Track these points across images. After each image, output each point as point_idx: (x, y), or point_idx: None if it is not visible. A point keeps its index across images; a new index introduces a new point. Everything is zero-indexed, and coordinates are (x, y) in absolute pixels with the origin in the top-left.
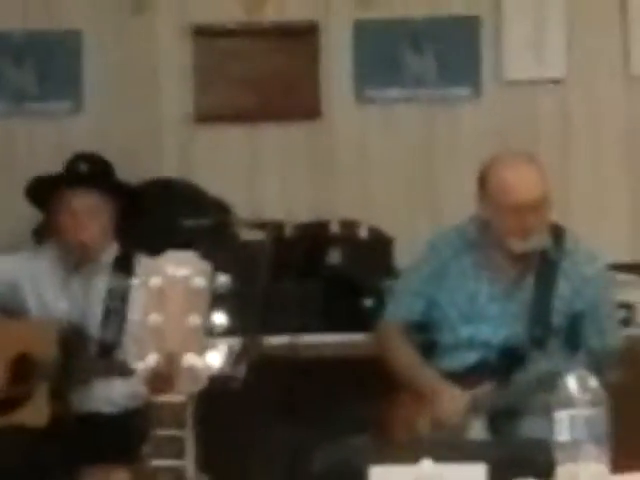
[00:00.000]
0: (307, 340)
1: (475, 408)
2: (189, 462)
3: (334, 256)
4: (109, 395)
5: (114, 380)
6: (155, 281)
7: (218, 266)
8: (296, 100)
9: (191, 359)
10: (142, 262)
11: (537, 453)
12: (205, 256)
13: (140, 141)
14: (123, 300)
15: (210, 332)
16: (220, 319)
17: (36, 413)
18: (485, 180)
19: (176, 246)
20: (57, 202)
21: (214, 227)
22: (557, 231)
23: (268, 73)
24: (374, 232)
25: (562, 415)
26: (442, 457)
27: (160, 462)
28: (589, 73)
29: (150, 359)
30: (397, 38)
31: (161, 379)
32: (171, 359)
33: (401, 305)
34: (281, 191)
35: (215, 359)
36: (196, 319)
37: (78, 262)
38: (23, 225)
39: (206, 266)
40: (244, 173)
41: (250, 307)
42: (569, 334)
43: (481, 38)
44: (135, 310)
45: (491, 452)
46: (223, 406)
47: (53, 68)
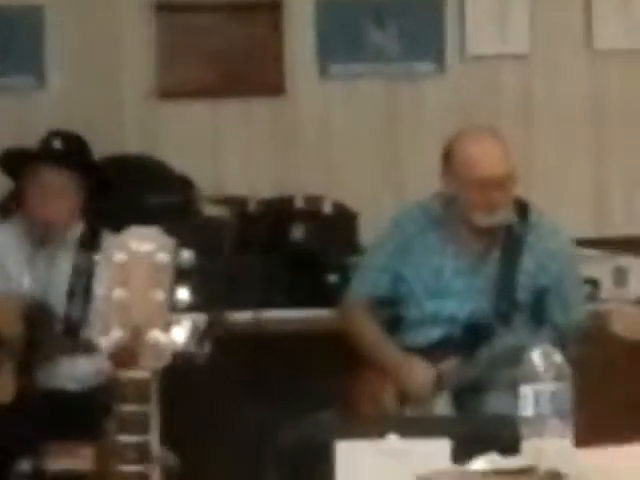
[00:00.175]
0: (271, 315)
1: (440, 383)
2: (154, 438)
3: (298, 232)
4: (74, 372)
5: (79, 357)
6: (119, 257)
7: (182, 242)
8: (259, 76)
9: (155, 335)
10: (106, 238)
11: (502, 428)
12: (169, 232)
13: (102, 116)
14: (88, 277)
15: (174, 308)
16: (184, 295)
17: (1, 389)
18: (450, 155)
19: (140, 222)
20: (28, 177)
21: (177, 203)
22: (522, 206)
23: (231, 48)
24: (338, 208)
25: (527, 390)
26: (407, 432)
27: (124, 438)
28: (552, 48)
29: (114, 334)
30: (360, 13)
31: (125, 354)
32: (135, 334)
33: (366, 280)
34: (244, 167)
35: (179, 335)
36: (160, 294)
37: (43, 238)
38: None
39: (170, 242)
40: (207, 149)
41: (214, 283)
42: (534, 309)
43: (445, 13)
44: (100, 286)
45: (456, 427)
46: (188, 382)
47: (15, 43)
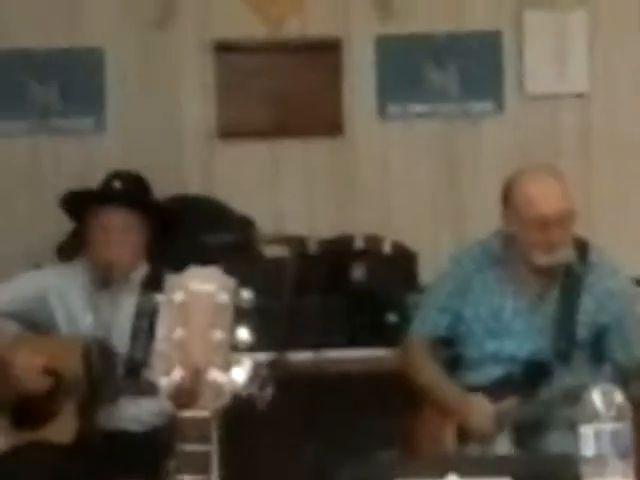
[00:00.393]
0: (331, 355)
1: (500, 422)
2: (214, 478)
3: (358, 271)
4: (137, 414)
5: (141, 398)
6: (179, 296)
7: (242, 282)
8: (318, 116)
9: (215, 374)
10: (168, 279)
11: (562, 468)
12: (229, 272)
13: (163, 157)
14: (151, 318)
15: (234, 347)
16: (244, 334)
17: (62, 429)
18: (509, 194)
19: (200, 262)
20: (90, 219)
21: (237, 243)
22: (581, 245)
23: (290, 89)
24: (398, 247)
25: (587, 430)
26: (468, 472)
27: (185, 477)
28: (611, 87)
29: (175, 374)
30: (419, 53)
31: (185, 394)
32: (195, 374)
33: (427, 320)
34: (304, 207)
35: (239, 375)
36: (220, 334)
37: (106, 279)
38: (47, 242)
39: (230, 282)
40: (267, 189)
41: (274, 323)
42: (594, 348)
43: (503, 53)
44: (161, 326)
45: (516, 466)
46: (248, 423)
47: (76, 85)
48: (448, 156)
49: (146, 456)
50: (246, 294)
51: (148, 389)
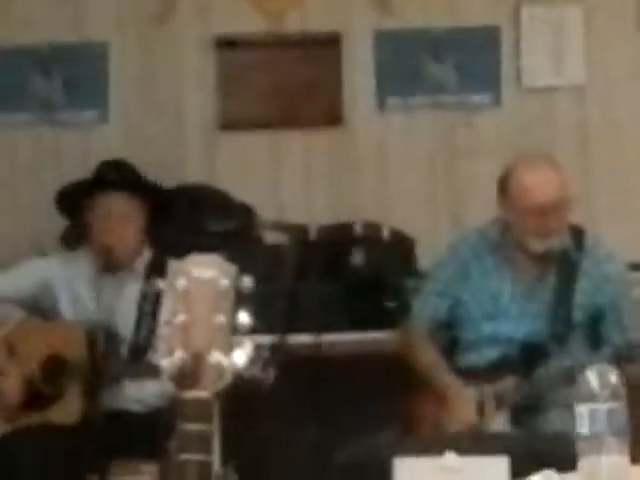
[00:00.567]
0: (331, 339)
1: (498, 402)
2: (215, 457)
3: (357, 257)
4: (140, 395)
5: (144, 380)
6: (181, 282)
7: (242, 268)
8: (318, 107)
9: (216, 356)
10: (171, 265)
11: (559, 446)
12: (230, 258)
13: (166, 148)
14: (155, 304)
15: (235, 331)
16: (245, 318)
17: (67, 411)
18: (506, 183)
19: (202, 249)
20: (87, 208)
21: (239, 230)
22: (577, 231)
23: (290, 82)
24: (396, 234)
25: (583, 409)
26: (465, 450)
27: (187, 456)
28: (606, 80)
29: (176, 356)
30: (418, 47)
31: (187, 376)
32: (197, 356)
33: (427, 305)
34: (304, 195)
35: (240, 357)
36: (221, 318)
37: (109, 265)
38: (51, 230)
39: (230, 268)
40: (268, 178)
41: (275, 307)
42: (590, 330)
43: (501, 47)
44: (164, 311)
45: (513, 445)
46: (250, 403)
47: (80, 78)
48: (446, 148)
49: (149, 436)
50: (247, 280)
51: (151, 371)
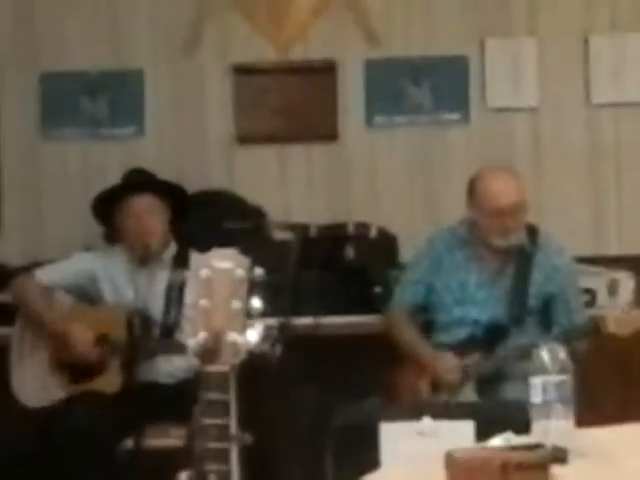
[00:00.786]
0: (328, 321)
1: (466, 374)
2: (232, 421)
3: (350, 252)
4: (169, 369)
5: (173, 356)
6: (204, 273)
7: (255, 261)
8: (317, 125)
9: (233, 336)
10: (194, 258)
11: (516, 412)
12: (244, 252)
13: (191, 159)
14: (181, 290)
15: (248, 314)
16: (256, 304)
17: (110, 382)
18: (472, 189)
19: (221, 245)
20: (118, 211)
21: (251, 229)
22: (532, 230)
23: (295, 103)
24: (382, 232)
25: (536, 381)
26: (439, 416)
27: (209, 421)
28: (557, 102)
29: (200, 336)
30: (400, 74)
31: (209, 352)
32: (217, 336)
33: (406, 292)
34: (306, 199)
35: (253, 336)
36: (237, 303)
37: (144, 258)
38: (96, 228)
39: (245, 260)
40: (276, 185)
41: (281, 294)
42: (542, 314)
43: (469, 73)
44: (189, 297)
45: (478, 412)
46: (261, 375)
47: (121, 99)
48: (423, 158)
49: (177, 404)
50: (258, 270)
51: (179, 348)
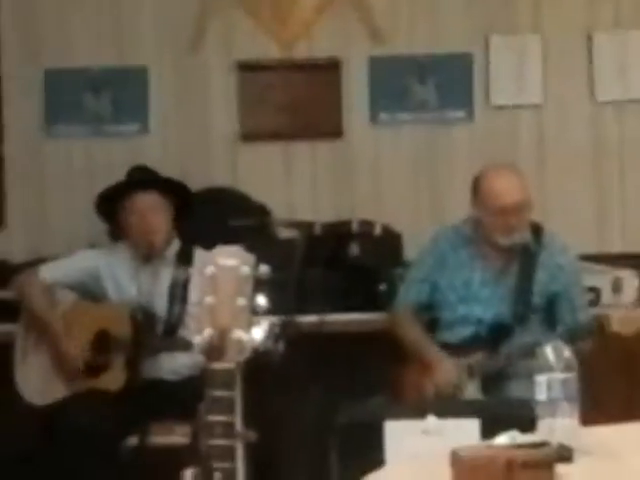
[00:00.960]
0: (332, 318)
1: (470, 373)
2: (237, 418)
3: (354, 249)
4: (173, 366)
5: (177, 353)
6: (209, 270)
7: (260, 258)
8: (322, 122)
9: (238, 333)
10: (199, 255)
11: (521, 410)
12: (249, 250)
13: (195, 156)
14: (185, 287)
15: (254, 312)
16: (262, 301)
17: (114, 379)
18: (477, 187)
19: (225, 242)
20: (121, 208)
21: (256, 226)
22: (536, 228)
23: (299, 100)
24: (386, 230)
25: (541, 379)
26: (443, 414)
27: (214, 417)
28: (561, 100)
29: (206, 333)
30: (405, 71)
31: (214, 350)
32: (223, 333)
33: (410, 290)
34: (310, 197)
35: (258, 334)
36: (242, 301)
37: (148, 255)
38: (100, 225)
39: (250, 258)
40: (280, 182)
41: (286, 292)
42: (547, 312)
43: (473, 70)
44: (194, 294)
45: (483, 409)
46: (265, 373)
47: (124, 97)
48: (428, 156)
49: (181, 401)
50: (263, 268)
51: (182, 345)
